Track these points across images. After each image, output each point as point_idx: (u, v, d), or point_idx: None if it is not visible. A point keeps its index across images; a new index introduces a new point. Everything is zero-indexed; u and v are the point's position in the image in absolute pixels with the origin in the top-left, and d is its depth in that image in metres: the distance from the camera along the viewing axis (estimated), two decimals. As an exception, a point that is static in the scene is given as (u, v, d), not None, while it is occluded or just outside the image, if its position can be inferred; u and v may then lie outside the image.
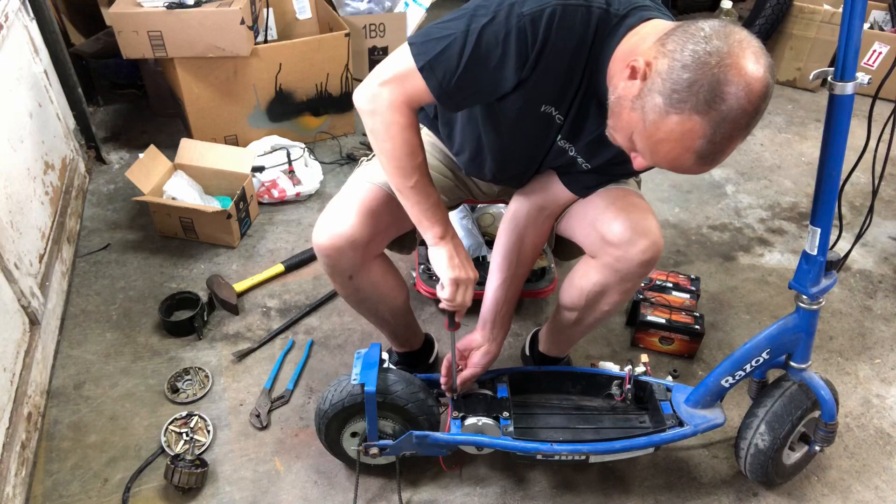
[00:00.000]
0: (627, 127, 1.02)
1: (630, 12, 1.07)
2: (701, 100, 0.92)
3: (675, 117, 0.95)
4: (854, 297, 2.18)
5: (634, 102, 0.99)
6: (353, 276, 1.40)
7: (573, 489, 1.59)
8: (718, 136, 0.95)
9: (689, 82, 0.92)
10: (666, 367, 1.90)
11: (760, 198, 2.64)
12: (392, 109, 1.15)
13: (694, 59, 0.92)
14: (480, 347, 1.48)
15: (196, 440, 1.64)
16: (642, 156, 1.05)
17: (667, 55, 0.95)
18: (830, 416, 1.40)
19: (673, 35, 0.97)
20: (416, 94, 1.14)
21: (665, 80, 0.94)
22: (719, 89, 0.92)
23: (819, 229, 1.21)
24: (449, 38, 1.08)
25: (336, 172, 2.65)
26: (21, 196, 1.81)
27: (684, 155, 0.98)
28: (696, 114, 0.93)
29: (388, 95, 1.15)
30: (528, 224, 1.45)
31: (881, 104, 1.23)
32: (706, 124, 0.94)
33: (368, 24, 2.84)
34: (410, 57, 1.11)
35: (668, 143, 0.98)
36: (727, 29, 0.94)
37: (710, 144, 0.96)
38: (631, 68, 0.99)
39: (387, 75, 1.15)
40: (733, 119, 0.94)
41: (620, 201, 1.34)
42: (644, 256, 1.29)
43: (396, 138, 1.17)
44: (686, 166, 1.00)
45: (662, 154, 1.00)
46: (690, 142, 0.96)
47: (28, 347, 1.67)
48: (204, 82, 2.46)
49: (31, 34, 2.15)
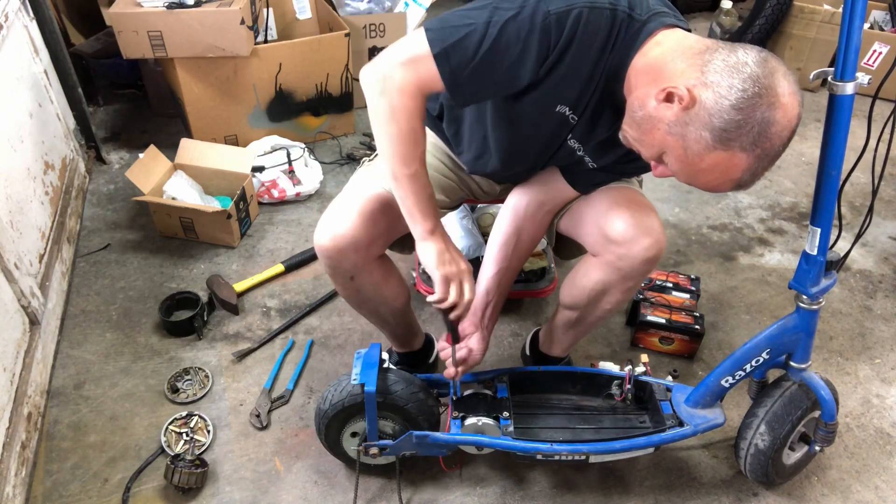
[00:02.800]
0: (660, 146, 1.05)
1: (650, 18, 1.08)
2: (749, 140, 0.98)
3: (721, 153, 0.99)
4: (854, 297, 2.18)
5: (672, 128, 1.01)
6: (354, 276, 1.40)
7: (573, 489, 1.59)
8: (760, 168, 1.02)
9: (739, 123, 0.96)
10: (666, 367, 1.90)
11: (760, 198, 2.64)
12: (402, 92, 1.12)
13: (743, 98, 0.95)
14: (472, 335, 1.47)
15: (196, 440, 1.64)
16: (675, 175, 1.08)
17: (710, 87, 0.97)
18: (830, 417, 1.40)
19: (713, 63, 0.98)
20: (428, 80, 1.11)
21: (714, 116, 0.97)
22: (766, 130, 0.97)
23: (819, 229, 1.21)
24: (469, 27, 1.06)
25: (336, 172, 2.65)
26: (21, 196, 1.81)
27: (724, 184, 1.05)
28: (743, 152, 0.99)
29: (399, 77, 1.11)
30: (526, 218, 1.45)
31: (881, 104, 1.23)
32: (751, 160, 1.00)
33: (368, 24, 2.84)
34: (426, 42, 1.09)
35: (710, 173, 1.03)
36: (768, 64, 0.97)
37: (751, 176, 1.03)
38: (667, 93, 1.00)
39: (401, 56, 1.11)
40: (774, 153, 1.01)
41: (623, 199, 1.35)
42: (647, 254, 1.29)
43: (402, 123, 1.14)
44: (722, 190, 1.07)
45: (702, 181, 1.05)
46: (733, 175, 1.02)
47: (28, 347, 1.67)
48: (204, 82, 2.46)
49: (31, 34, 2.15)
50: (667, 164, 1.07)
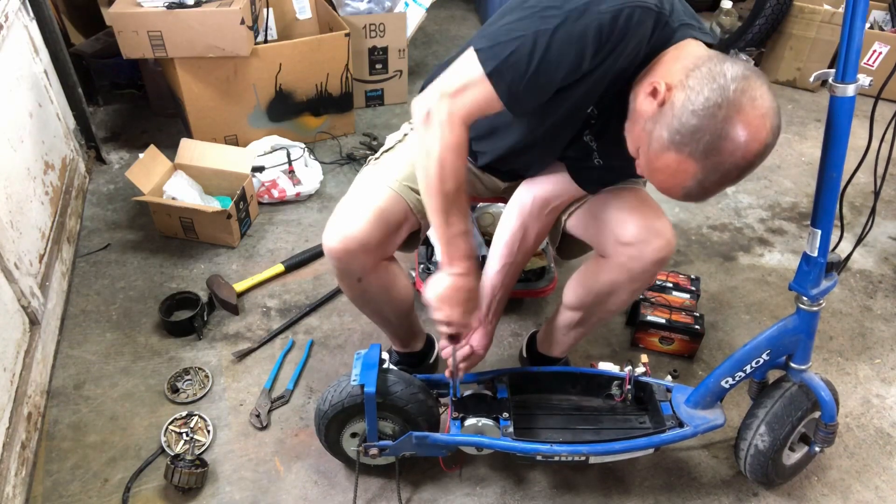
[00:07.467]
0: (637, 140, 1.08)
1: (679, 27, 1.10)
2: (700, 148, 0.98)
3: (673, 155, 1.00)
4: (854, 297, 2.18)
5: (646, 123, 1.04)
6: (362, 278, 1.39)
7: (573, 489, 1.59)
8: (708, 182, 1.01)
9: (694, 129, 0.97)
10: (666, 367, 1.90)
11: (760, 198, 2.64)
12: (445, 126, 1.10)
13: (704, 106, 0.96)
14: (475, 332, 1.48)
15: (196, 440, 1.64)
16: (640, 170, 1.10)
17: (684, 90, 0.99)
18: (830, 417, 1.40)
19: (699, 69, 1.00)
20: (480, 105, 1.10)
21: (675, 117, 0.99)
22: (719, 144, 0.97)
23: (820, 231, 1.21)
24: (518, 40, 1.05)
25: (336, 172, 2.65)
26: (21, 196, 1.81)
27: (674, 188, 1.05)
28: (692, 159, 0.99)
29: (445, 110, 1.10)
30: (532, 215, 1.45)
31: (883, 104, 1.23)
32: (699, 169, 1.00)
33: (368, 24, 2.84)
34: (477, 63, 1.08)
35: (662, 173, 1.04)
36: (747, 82, 0.97)
37: (700, 187, 1.02)
38: (653, 87, 1.02)
39: (452, 86, 1.10)
40: (725, 171, 0.99)
41: (634, 201, 1.36)
42: (658, 255, 1.31)
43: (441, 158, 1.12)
44: (673, 197, 1.08)
45: (656, 180, 1.07)
46: (682, 180, 1.02)
47: (28, 347, 1.67)
48: (204, 82, 2.46)
49: (31, 34, 2.15)
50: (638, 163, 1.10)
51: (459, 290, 1.21)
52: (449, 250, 1.19)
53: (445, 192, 1.14)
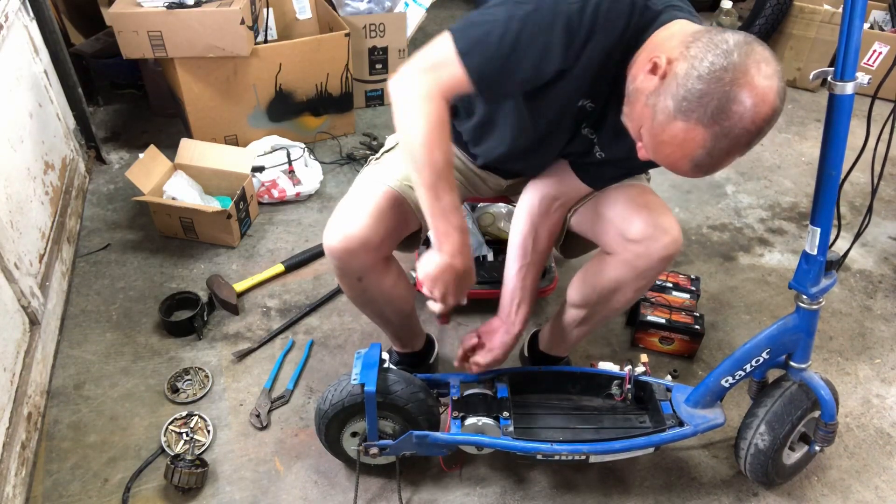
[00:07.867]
0: (639, 119, 1.06)
1: (665, 9, 1.09)
2: (708, 113, 0.96)
3: (680, 124, 0.98)
4: (854, 297, 2.18)
5: (649, 98, 1.02)
6: (362, 277, 1.39)
7: (573, 489, 1.59)
8: (717, 149, 0.99)
9: (701, 94, 0.96)
10: (666, 367, 1.90)
11: (760, 198, 2.64)
12: (425, 99, 1.12)
13: (710, 71, 0.95)
14: (496, 332, 1.50)
15: (196, 440, 1.64)
16: (646, 149, 1.08)
17: (687, 59, 0.98)
18: (830, 416, 1.40)
19: (699, 40, 0.99)
20: (452, 83, 1.11)
21: (679, 85, 0.97)
22: (727, 106, 0.95)
23: (819, 229, 1.21)
24: (490, 23, 1.08)
25: (336, 173, 2.65)
26: (21, 196, 1.81)
27: (682, 160, 1.02)
28: (701, 125, 0.97)
29: (422, 84, 1.12)
30: (540, 214, 1.46)
31: (880, 104, 1.23)
32: (708, 136, 0.97)
33: (368, 24, 2.84)
34: (450, 43, 1.10)
35: (669, 146, 1.02)
36: (749, 47, 0.96)
37: (708, 156, 1.00)
38: (653, 63, 1.01)
39: (424, 63, 1.12)
40: (735, 136, 0.97)
41: (640, 198, 1.36)
42: (665, 252, 1.31)
43: (426, 130, 1.12)
44: (682, 170, 1.05)
45: (662, 155, 1.04)
46: (690, 150, 1.00)
47: (28, 347, 1.67)
48: (204, 82, 2.46)
49: (31, 34, 2.15)
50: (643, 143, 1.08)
51: (450, 269, 1.21)
52: (439, 225, 1.18)
53: (433, 162, 1.13)
